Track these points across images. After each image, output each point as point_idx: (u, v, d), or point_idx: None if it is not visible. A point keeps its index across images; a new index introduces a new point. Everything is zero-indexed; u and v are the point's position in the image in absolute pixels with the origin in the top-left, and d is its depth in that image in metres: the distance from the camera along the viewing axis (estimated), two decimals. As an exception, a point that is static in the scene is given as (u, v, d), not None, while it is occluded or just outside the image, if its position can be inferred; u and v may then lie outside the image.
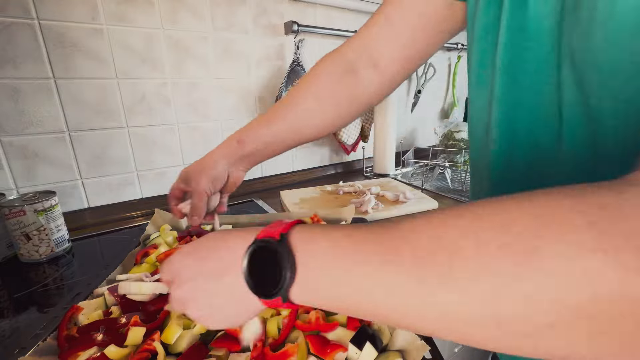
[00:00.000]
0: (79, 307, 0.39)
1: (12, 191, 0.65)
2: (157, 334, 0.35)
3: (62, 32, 0.64)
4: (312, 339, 0.34)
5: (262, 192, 0.96)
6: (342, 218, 0.64)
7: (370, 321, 0.36)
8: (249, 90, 0.90)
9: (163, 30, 0.75)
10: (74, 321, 0.38)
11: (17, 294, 0.49)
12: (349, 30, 1.00)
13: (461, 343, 0.26)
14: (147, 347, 0.33)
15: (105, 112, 0.72)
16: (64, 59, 0.65)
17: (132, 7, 0.70)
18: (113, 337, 0.35)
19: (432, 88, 1.40)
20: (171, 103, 0.79)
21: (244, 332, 0.34)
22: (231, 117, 0.89)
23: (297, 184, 1.04)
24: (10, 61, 0.61)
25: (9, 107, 0.62)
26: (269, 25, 0.89)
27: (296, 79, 0.93)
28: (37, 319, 0.44)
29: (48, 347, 0.34)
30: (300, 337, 0.34)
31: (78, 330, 0.36)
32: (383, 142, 1.00)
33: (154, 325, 0.37)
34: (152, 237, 0.57)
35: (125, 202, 0.78)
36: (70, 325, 0.37)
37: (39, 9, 0.62)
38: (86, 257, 0.61)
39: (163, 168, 0.82)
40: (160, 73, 0.76)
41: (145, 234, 0.59)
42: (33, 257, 0.58)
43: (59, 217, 0.61)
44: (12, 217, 0.55)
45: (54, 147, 0.68)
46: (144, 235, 0.59)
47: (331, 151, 1.14)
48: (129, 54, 0.72)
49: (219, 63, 0.84)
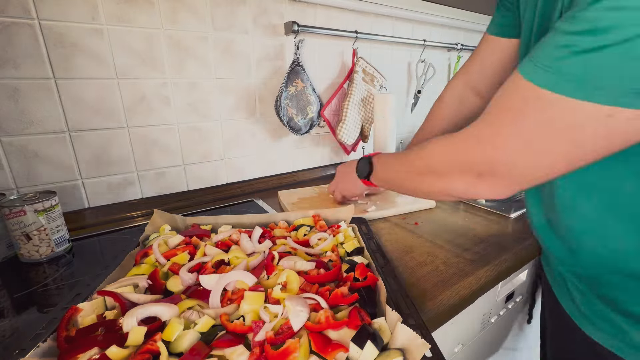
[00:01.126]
0: (78, 308, 0.38)
1: (12, 191, 0.65)
2: (159, 335, 0.34)
3: (62, 32, 0.64)
4: (315, 337, 0.34)
5: (262, 192, 0.96)
6: (340, 218, 0.65)
7: (370, 321, 0.36)
8: (249, 90, 0.90)
9: (163, 30, 0.75)
10: (73, 322, 0.38)
11: (17, 294, 0.49)
12: (349, 31, 1.00)
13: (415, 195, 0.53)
14: (149, 348, 0.33)
15: (105, 112, 0.72)
16: (64, 59, 0.66)
17: (132, 7, 0.70)
18: (113, 338, 0.34)
19: (432, 88, 1.40)
20: (171, 103, 0.79)
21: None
22: (231, 117, 0.89)
23: (297, 184, 1.04)
24: (10, 61, 0.61)
25: (9, 107, 0.62)
26: (269, 25, 0.89)
27: (296, 79, 0.94)
28: (37, 319, 0.44)
29: (48, 348, 0.34)
30: (304, 335, 0.34)
31: (77, 332, 0.36)
32: (383, 142, 1.00)
33: (155, 326, 0.36)
34: (151, 237, 0.57)
35: (125, 202, 0.78)
36: (70, 326, 0.37)
37: (39, 9, 0.62)
38: (86, 257, 0.61)
39: (163, 168, 0.82)
40: (160, 73, 0.76)
41: (144, 235, 0.58)
42: (33, 257, 0.58)
43: (59, 217, 0.60)
44: (13, 217, 0.55)
45: (54, 147, 0.68)
46: (143, 235, 0.58)
47: (331, 151, 1.14)
48: (129, 54, 0.72)
49: (219, 63, 0.84)
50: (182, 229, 0.63)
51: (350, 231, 0.59)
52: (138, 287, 0.44)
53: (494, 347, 0.77)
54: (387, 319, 0.36)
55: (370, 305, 0.40)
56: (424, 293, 0.48)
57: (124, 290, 0.42)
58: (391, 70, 1.24)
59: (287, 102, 0.92)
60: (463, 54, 1.44)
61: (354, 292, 0.41)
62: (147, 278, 0.45)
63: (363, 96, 1.07)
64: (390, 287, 0.43)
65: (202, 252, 0.51)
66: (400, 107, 1.33)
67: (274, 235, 0.59)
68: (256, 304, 0.39)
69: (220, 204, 0.86)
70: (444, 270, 0.53)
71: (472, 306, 0.53)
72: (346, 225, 0.61)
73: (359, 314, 0.36)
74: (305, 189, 0.91)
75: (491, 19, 0.60)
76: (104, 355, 0.32)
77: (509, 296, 0.72)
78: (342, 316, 0.37)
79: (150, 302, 0.40)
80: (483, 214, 0.75)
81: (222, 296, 0.42)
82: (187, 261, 0.50)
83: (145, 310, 0.37)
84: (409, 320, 0.37)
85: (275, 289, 0.41)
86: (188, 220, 0.64)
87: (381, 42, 1.17)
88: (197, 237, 0.56)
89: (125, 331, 0.35)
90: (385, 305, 0.38)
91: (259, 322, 0.36)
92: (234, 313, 0.39)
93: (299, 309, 0.36)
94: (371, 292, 0.42)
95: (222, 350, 0.33)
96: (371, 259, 0.50)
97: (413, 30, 1.26)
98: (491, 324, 0.70)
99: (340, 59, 1.07)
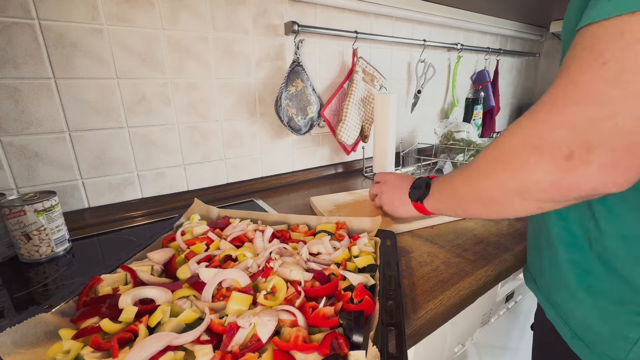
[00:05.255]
0: (99, 279, 0.43)
1: (12, 191, 0.65)
2: (146, 317, 0.36)
3: (62, 32, 0.64)
4: (279, 356, 0.32)
5: (262, 192, 0.96)
6: (364, 229, 0.59)
7: (347, 352, 0.32)
8: (249, 90, 0.90)
9: (163, 30, 0.75)
10: (94, 290, 0.43)
11: (17, 294, 0.49)
12: (349, 31, 1.00)
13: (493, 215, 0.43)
14: (132, 327, 0.35)
15: (105, 112, 0.72)
16: (64, 59, 0.66)
17: (132, 7, 0.70)
18: (113, 311, 0.38)
19: (432, 88, 1.40)
20: (171, 103, 0.79)
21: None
22: (231, 117, 0.89)
23: (297, 184, 1.04)
24: (10, 61, 0.61)
25: (9, 107, 0.62)
26: (269, 25, 0.89)
27: (296, 79, 0.94)
28: (38, 318, 0.44)
29: (69, 308, 0.39)
30: (269, 350, 0.33)
31: (90, 300, 0.40)
32: (383, 142, 1.00)
33: (149, 308, 0.38)
34: (184, 224, 0.61)
35: (125, 202, 0.78)
36: (91, 294, 0.42)
37: (39, 9, 0.62)
38: (86, 257, 0.61)
39: (163, 168, 0.82)
40: (160, 73, 0.76)
41: (179, 222, 0.63)
42: (33, 257, 0.58)
43: (59, 217, 0.60)
44: (13, 217, 0.55)
45: (54, 147, 0.68)
46: (179, 222, 0.63)
47: (331, 151, 1.14)
48: (129, 54, 0.72)
49: (219, 63, 0.84)
50: (214, 219, 0.66)
51: (369, 245, 0.53)
52: (155, 269, 0.47)
53: (494, 347, 0.77)
54: (368, 355, 0.31)
55: (358, 333, 0.34)
56: (424, 293, 0.48)
57: (142, 269, 0.46)
58: (391, 70, 1.24)
59: (287, 102, 0.92)
60: (463, 54, 1.44)
61: (344, 314, 0.36)
62: (160, 263, 0.49)
63: (363, 96, 1.07)
64: (385, 320, 0.36)
65: (216, 245, 0.53)
66: (400, 107, 1.33)
67: (290, 238, 0.57)
68: (242, 305, 0.39)
69: (221, 204, 0.86)
70: (444, 270, 0.53)
71: (472, 306, 0.53)
72: (367, 238, 0.55)
73: (333, 342, 0.33)
74: (339, 194, 0.85)
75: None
76: (99, 326, 0.35)
77: (508, 296, 0.72)
78: (319, 338, 0.34)
79: (152, 285, 0.43)
80: (483, 214, 0.75)
81: (218, 291, 0.42)
82: (202, 251, 0.52)
83: (141, 291, 0.41)
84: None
85: (261, 294, 0.41)
86: (222, 213, 0.68)
87: (381, 42, 1.17)
88: (221, 229, 0.59)
89: (121, 308, 0.38)
90: (370, 339, 0.33)
91: (234, 326, 0.35)
92: (222, 310, 0.39)
93: (266, 319, 0.35)
94: (365, 317, 0.37)
95: (192, 345, 0.33)
96: (380, 281, 0.43)
97: (413, 30, 1.26)
98: (491, 324, 0.70)
99: (340, 59, 1.07)
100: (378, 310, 0.37)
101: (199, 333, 0.34)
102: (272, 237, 0.56)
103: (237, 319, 0.35)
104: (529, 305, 0.83)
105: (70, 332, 0.35)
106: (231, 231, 0.58)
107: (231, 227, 0.60)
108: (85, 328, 0.35)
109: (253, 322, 0.35)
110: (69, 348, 0.33)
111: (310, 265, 0.48)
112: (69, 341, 0.34)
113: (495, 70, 1.64)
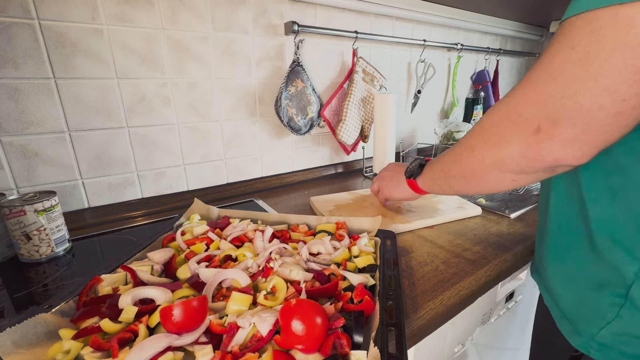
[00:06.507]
0: (100, 279, 0.43)
1: (12, 191, 0.65)
2: (146, 317, 0.36)
3: (62, 32, 0.64)
4: (279, 355, 0.32)
5: (262, 192, 0.96)
6: (365, 229, 0.59)
7: (348, 351, 0.33)
8: (249, 90, 0.90)
9: (163, 30, 0.75)
10: (94, 290, 0.43)
11: (17, 294, 0.49)
12: (349, 31, 1.00)
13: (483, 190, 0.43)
14: (132, 327, 0.35)
15: (105, 112, 0.72)
16: (64, 59, 0.66)
17: (132, 7, 0.70)
18: (113, 311, 0.38)
19: (432, 88, 1.40)
20: (171, 103, 0.79)
21: (259, 324, 0.34)
22: (231, 117, 0.89)
23: (297, 184, 1.04)
24: (10, 61, 0.61)
25: (9, 107, 0.62)
26: (269, 26, 0.89)
27: (296, 79, 0.94)
28: (38, 318, 0.44)
29: (69, 308, 0.39)
30: (269, 350, 0.33)
31: (90, 300, 0.40)
32: (383, 142, 1.00)
33: (149, 308, 0.38)
34: (184, 224, 0.61)
35: (125, 202, 0.78)
36: (90, 294, 0.42)
37: (39, 9, 0.62)
38: (86, 257, 0.61)
39: (163, 168, 0.82)
40: (160, 73, 0.76)
41: (179, 222, 0.63)
42: (33, 257, 0.58)
43: (59, 217, 0.60)
44: (13, 217, 0.55)
45: (54, 147, 0.68)
46: (179, 222, 0.62)
47: (331, 151, 1.14)
48: (129, 54, 0.72)
49: (219, 63, 0.84)
50: (214, 219, 0.66)
51: (369, 245, 0.53)
52: (155, 269, 0.47)
53: (494, 347, 0.77)
54: (369, 355, 0.32)
55: (358, 333, 0.35)
56: (424, 293, 0.48)
57: (142, 269, 0.45)
58: (391, 70, 1.24)
59: (287, 102, 0.92)
60: (463, 54, 1.44)
61: (345, 314, 0.37)
62: (160, 263, 0.49)
63: (363, 96, 1.07)
64: (386, 321, 0.37)
65: (216, 245, 0.53)
66: (400, 107, 1.33)
67: (290, 238, 0.58)
68: (243, 305, 0.39)
69: (221, 204, 0.86)
70: (444, 270, 0.53)
71: (472, 306, 0.53)
72: (367, 238, 0.55)
73: (336, 342, 0.33)
74: (339, 194, 0.86)
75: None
76: (99, 326, 0.35)
77: (509, 296, 0.72)
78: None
79: (152, 285, 0.43)
80: (483, 214, 0.75)
81: (218, 291, 0.42)
82: (202, 251, 0.52)
83: (141, 291, 0.40)
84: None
85: (261, 294, 0.40)
86: (222, 213, 0.67)
87: (381, 42, 1.17)
88: (221, 229, 0.59)
89: (120, 308, 0.38)
90: (371, 339, 0.33)
91: (234, 326, 0.35)
92: (222, 310, 0.39)
93: (265, 315, 0.35)
94: (365, 317, 0.37)
95: (192, 345, 0.33)
96: (380, 281, 0.44)
97: (413, 30, 1.26)
98: (491, 324, 0.70)
99: (340, 59, 1.07)
100: (378, 310, 0.37)
101: (199, 334, 0.34)
102: (272, 237, 0.56)
103: (237, 319, 0.35)
104: (529, 305, 0.83)
105: (70, 332, 0.35)
106: (231, 231, 0.58)
107: (231, 227, 0.59)
108: (85, 328, 0.35)
109: (253, 322, 0.35)
110: (69, 348, 0.33)
111: (310, 265, 0.48)
112: (69, 341, 0.34)
113: (495, 70, 1.64)
